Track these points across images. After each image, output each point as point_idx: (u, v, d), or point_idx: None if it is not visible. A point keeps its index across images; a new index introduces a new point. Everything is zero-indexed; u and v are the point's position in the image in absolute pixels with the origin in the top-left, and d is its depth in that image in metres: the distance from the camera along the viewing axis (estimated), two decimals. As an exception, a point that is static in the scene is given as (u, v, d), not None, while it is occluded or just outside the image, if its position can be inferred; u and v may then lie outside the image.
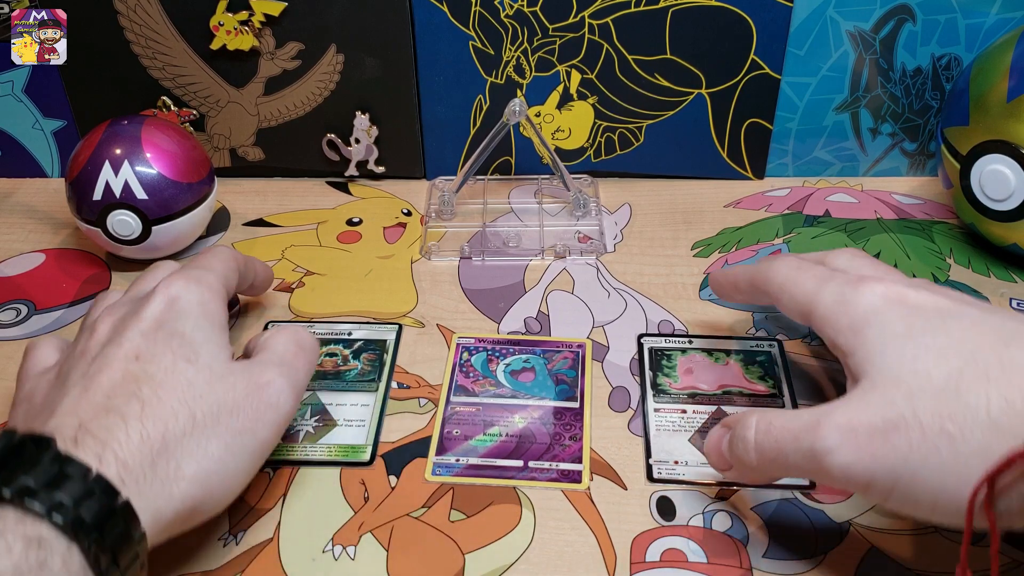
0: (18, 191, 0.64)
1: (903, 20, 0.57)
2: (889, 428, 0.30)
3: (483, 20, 0.58)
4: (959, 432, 0.29)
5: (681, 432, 0.43)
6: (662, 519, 0.39)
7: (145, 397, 0.34)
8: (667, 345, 0.48)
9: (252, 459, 0.36)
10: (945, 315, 0.33)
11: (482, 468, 0.42)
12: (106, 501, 0.30)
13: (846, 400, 0.33)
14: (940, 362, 0.31)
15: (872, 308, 0.35)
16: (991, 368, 0.30)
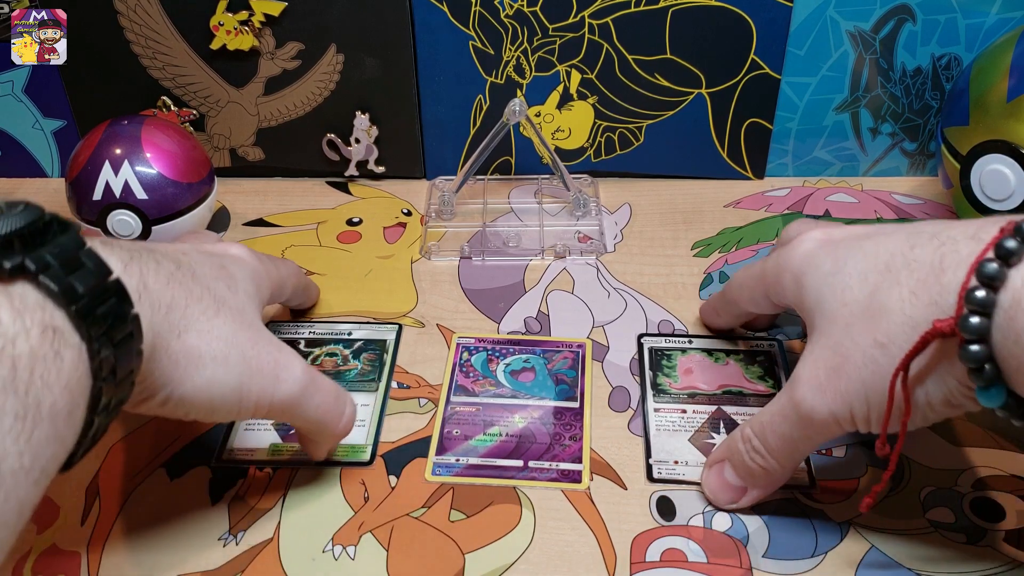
0: (18, 191, 0.64)
1: (903, 20, 0.57)
2: (840, 364, 0.33)
3: (483, 20, 0.58)
4: (887, 339, 0.32)
5: (681, 432, 0.43)
6: (662, 519, 0.39)
7: (183, 266, 0.34)
8: (667, 345, 0.48)
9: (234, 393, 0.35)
10: (863, 239, 0.35)
11: (482, 468, 0.42)
12: (119, 305, 0.29)
13: (804, 359, 0.35)
14: (862, 285, 0.33)
15: (805, 254, 0.37)
16: (900, 273, 0.32)
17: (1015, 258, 0.28)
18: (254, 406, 0.36)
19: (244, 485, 0.41)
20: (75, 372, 0.27)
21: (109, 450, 0.43)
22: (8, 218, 0.28)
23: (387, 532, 0.39)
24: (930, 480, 0.41)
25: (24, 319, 0.26)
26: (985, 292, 0.28)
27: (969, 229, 0.31)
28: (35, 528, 0.39)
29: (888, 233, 0.35)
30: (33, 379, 0.26)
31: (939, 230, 0.33)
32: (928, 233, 0.33)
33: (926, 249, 0.32)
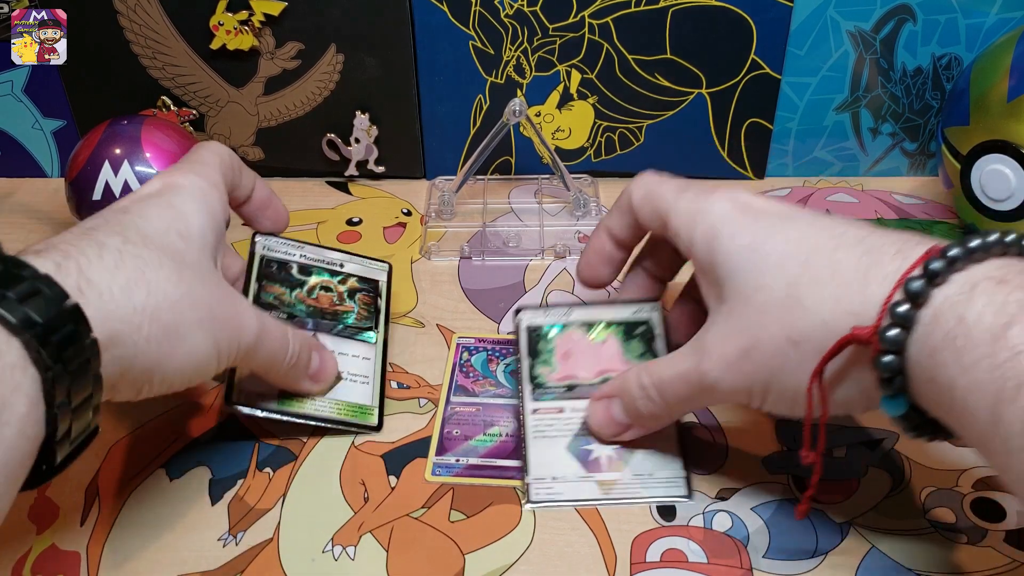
0: (18, 191, 0.64)
1: (903, 20, 0.57)
2: (750, 347, 0.34)
3: (483, 20, 0.58)
4: (801, 337, 0.32)
5: (559, 437, 0.41)
6: (662, 519, 0.39)
7: (129, 237, 0.33)
8: (544, 321, 0.45)
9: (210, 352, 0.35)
10: (784, 219, 0.35)
11: (482, 468, 0.42)
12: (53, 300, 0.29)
13: (713, 328, 0.36)
14: (780, 272, 0.34)
15: (721, 216, 0.36)
16: (823, 273, 0.32)
17: (940, 278, 0.30)
18: (226, 361, 0.36)
19: (244, 485, 0.41)
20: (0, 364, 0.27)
21: (109, 450, 0.43)
22: None
23: (387, 532, 0.39)
24: (930, 480, 0.41)
25: None
26: (908, 307, 0.30)
27: (893, 244, 0.32)
28: (35, 528, 0.39)
29: (808, 222, 0.35)
30: None
31: (863, 235, 0.33)
32: (852, 236, 0.33)
33: (850, 254, 0.32)
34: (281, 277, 0.44)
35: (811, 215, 0.36)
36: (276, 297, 0.44)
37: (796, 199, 0.61)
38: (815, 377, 0.32)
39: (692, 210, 0.38)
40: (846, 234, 0.34)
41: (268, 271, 0.44)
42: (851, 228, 0.34)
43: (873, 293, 0.31)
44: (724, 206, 0.37)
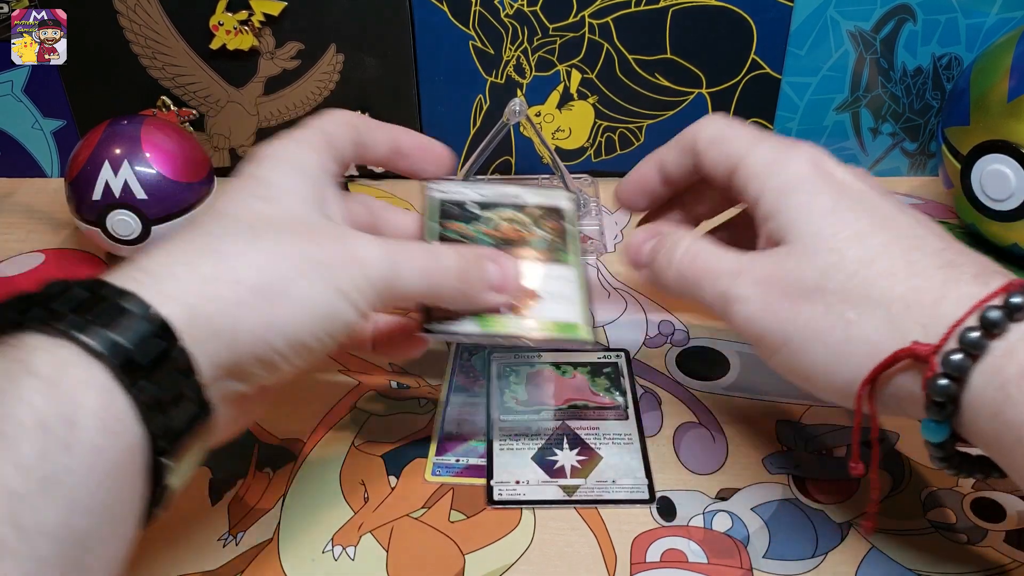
0: (18, 191, 0.64)
1: (903, 20, 0.57)
2: (799, 295, 0.33)
3: (483, 20, 0.58)
4: (857, 319, 0.31)
5: (524, 450, 0.42)
6: (662, 519, 0.39)
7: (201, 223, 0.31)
8: (515, 360, 0.47)
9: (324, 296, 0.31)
10: (865, 200, 0.34)
11: (482, 468, 0.42)
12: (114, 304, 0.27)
13: (767, 255, 0.35)
14: (855, 245, 0.33)
15: (801, 175, 0.35)
16: (899, 266, 0.32)
17: (1019, 314, 0.29)
18: (362, 300, 0.32)
19: (244, 485, 0.41)
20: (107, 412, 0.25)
21: (109, 450, 0.43)
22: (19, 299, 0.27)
23: (387, 532, 0.39)
24: (930, 480, 0.41)
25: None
26: (979, 335, 0.29)
27: (972, 265, 0.31)
28: (35, 528, 0.39)
29: (890, 212, 0.34)
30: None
31: (942, 247, 0.33)
32: (933, 244, 0.33)
33: (928, 262, 0.32)
34: (459, 214, 0.42)
35: (891, 203, 0.35)
36: (457, 233, 0.41)
37: (796, 199, 0.61)
38: (867, 383, 0.31)
39: (768, 162, 0.36)
40: (927, 238, 0.33)
41: (445, 210, 0.42)
42: (931, 234, 0.33)
43: (945, 312, 0.30)
44: (805, 167, 0.35)
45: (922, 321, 0.30)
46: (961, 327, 0.29)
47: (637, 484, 0.40)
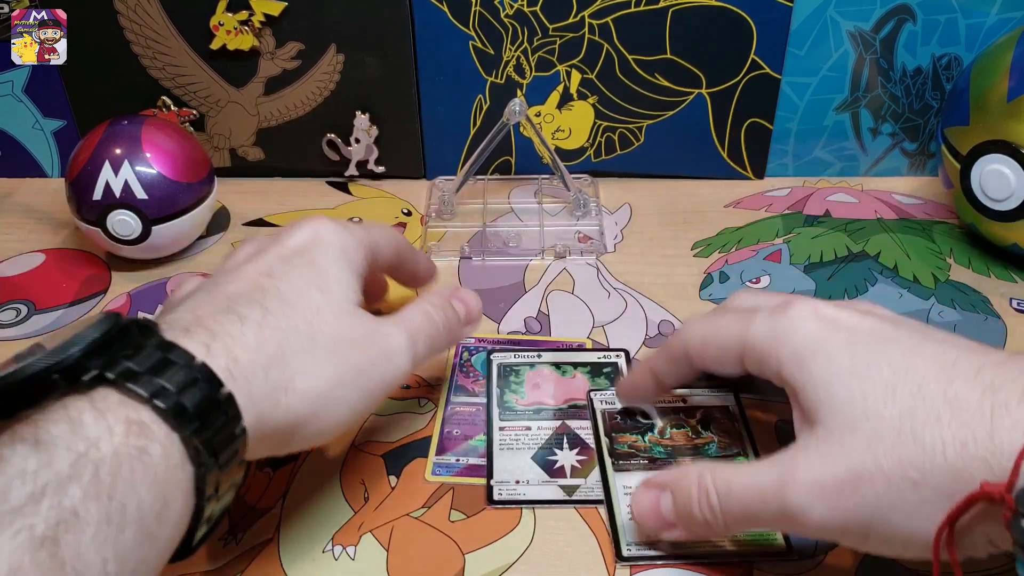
0: (18, 191, 0.64)
1: (903, 20, 0.57)
2: (855, 480, 0.31)
3: (483, 20, 0.58)
4: (921, 477, 0.30)
5: (524, 450, 0.42)
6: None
7: (270, 307, 0.33)
8: (515, 361, 0.47)
9: (361, 400, 0.35)
10: (882, 339, 0.33)
11: (482, 468, 0.42)
12: (209, 391, 0.29)
13: (805, 450, 0.33)
14: (890, 399, 0.31)
15: (810, 336, 0.34)
16: (940, 408, 0.30)
17: None
18: (384, 392, 0.36)
19: (244, 485, 0.41)
20: (166, 465, 0.27)
21: (109, 450, 0.43)
22: (83, 332, 0.28)
23: (387, 532, 0.39)
24: None
25: (107, 418, 0.26)
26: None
27: (1016, 381, 0.30)
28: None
29: (911, 345, 0.32)
30: (117, 483, 0.25)
31: (978, 364, 0.31)
32: (966, 366, 0.31)
33: (970, 389, 0.30)
34: (629, 425, 0.43)
35: (909, 332, 0.33)
36: (630, 445, 0.42)
37: (796, 199, 0.61)
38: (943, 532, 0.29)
39: (771, 333, 0.35)
40: (959, 362, 0.31)
41: (615, 423, 0.43)
42: (962, 354, 0.31)
43: (1002, 442, 0.28)
44: (809, 324, 0.34)
45: (983, 456, 0.29)
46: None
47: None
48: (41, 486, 0.24)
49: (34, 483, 0.24)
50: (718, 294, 0.53)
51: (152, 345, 0.29)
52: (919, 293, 0.52)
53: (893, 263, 0.55)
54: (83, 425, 0.26)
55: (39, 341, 0.29)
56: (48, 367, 0.27)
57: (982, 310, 0.51)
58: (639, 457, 0.42)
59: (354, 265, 0.38)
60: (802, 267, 0.55)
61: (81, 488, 0.25)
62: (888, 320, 0.34)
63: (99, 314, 0.30)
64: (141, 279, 0.55)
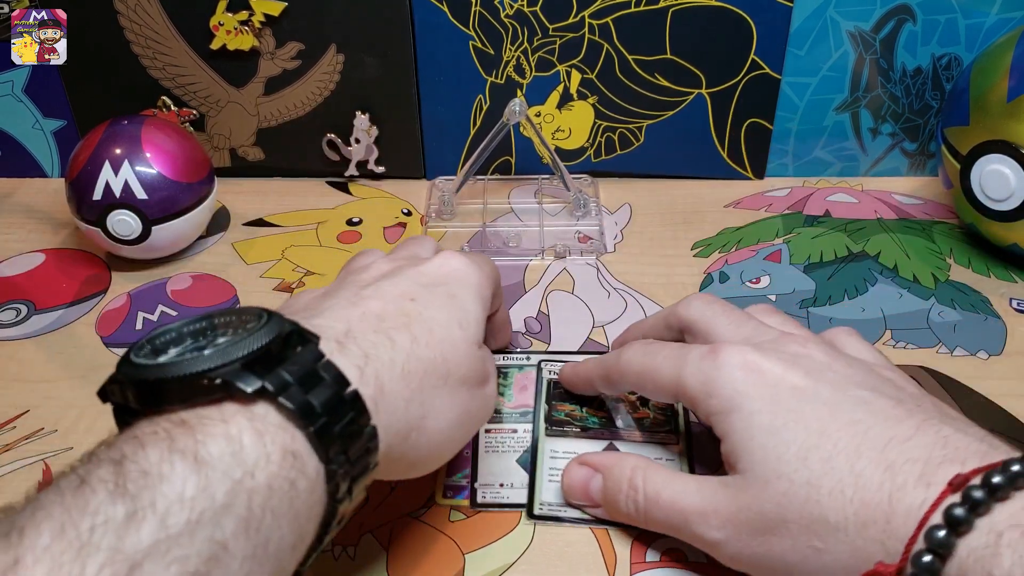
0: (18, 191, 0.64)
1: (903, 20, 0.57)
2: (767, 531, 0.32)
3: (483, 20, 0.58)
4: (824, 547, 0.31)
5: (510, 452, 0.42)
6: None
7: (416, 335, 0.33)
8: (504, 363, 0.47)
9: (464, 440, 0.36)
10: (803, 399, 0.33)
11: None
12: (355, 419, 0.28)
13: (727, 489, 0.34)
14: (801, 464, 0.32)
15: (734, 388, 0.34)
16: (846, 482, 0.31)
17: (963, 527, 0.28)
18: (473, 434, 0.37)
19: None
20: (308, 500, 0.27)
21: (109, 450, 0.43)
22: (251, 337, 0.27)
23: (387, 532, 0.39)
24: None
25: (265, 442, 0.26)
26: (931, 558, 0.28)
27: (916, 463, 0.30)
28: (35, 528, 0.39)
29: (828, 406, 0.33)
30: (265, 516, 0.25)
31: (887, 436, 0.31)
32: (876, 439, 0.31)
33: (874, 466, 0.30)
34: (571, 395, 0.44)
35: (832, 390, 0.33)
36: (567, 414, 0.43)
37: (796, 199, 0.61)
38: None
39: (701, 380, 0.35)
40: (869, 433, 0.31)
41: (558, 392, 0.45)
42: (875, 424, 0.32)
43: (897, 527, 0.29)
44: (736, 375, 0.34)
45: (880, 539, 0.29)
46: (913, 550, 0.28)
47: None
48: (198, 514, 0.23)
49: (191, 510, 0.23)
50: (718, 294, 0.53)
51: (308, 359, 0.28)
52: (919, 293, 0.52)
53: (893, 263, 0.55)
54: (243, 448, 0.25)
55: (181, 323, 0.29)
56: (211, 369, 0.26)
57: (982, 310, 0.51)
58: (573, 425, 0.43)
59: (485, 304, 0.38)
60: (802, 267, 0.55)
61: (234, 520, 0.24)
62: (813, 372, 0.34)
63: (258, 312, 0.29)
64: (141, 279, 0.55)
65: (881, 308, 0.51)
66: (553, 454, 0.41)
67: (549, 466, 0.41)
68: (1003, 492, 0.28)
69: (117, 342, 0.50)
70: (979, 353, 0.48)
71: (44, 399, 0.46)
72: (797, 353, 0.35)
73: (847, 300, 0.52)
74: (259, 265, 0.56)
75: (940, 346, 0.49)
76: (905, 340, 0.49)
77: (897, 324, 0.50)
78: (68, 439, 0.43)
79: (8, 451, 0.43)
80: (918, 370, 0.47)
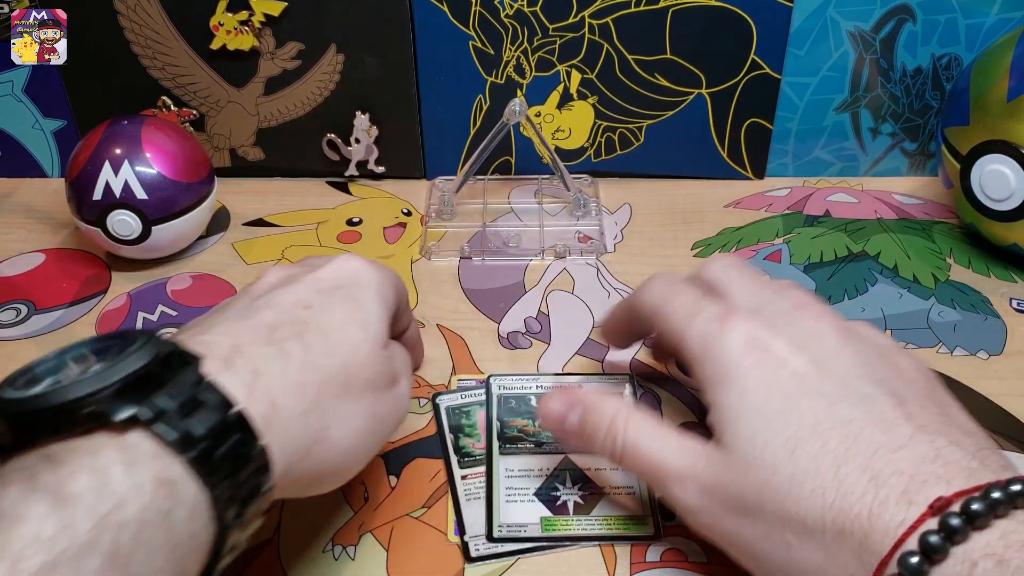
0: (18, 191, 0.64)
1: (903, 20, 0.57)
2: (742, 512, 0.31)
3: (483, 20, 0.58)
4: (797, 543, 0.30)
5: (480, 500, 0.40)
6: (662, 520, 0.39)
7: (311, 343, 0.31)
8: (463, 402, 0.45)
9: (377, 447, 0.34)
10: (801, 390, 0.32)
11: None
12: (242, 441, 0.27)
13: (709, 458, 0.33)
14: (788, 457, 0.31)
15: (734, 361, 0.33)
16: (828, 486, 0.30)
17: (939, 555, 0.26)
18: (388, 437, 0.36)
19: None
20: (189, 529, 0.25)
21: (109, 450, 0.43)
22: (122, 361, 0.26)
23: (387, 532, 0.39)
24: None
25: (136, 473, 0.24)
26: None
27: (901, 476, 0.29)
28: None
29: (829, 404, 0.31)
30: (136, 551, 0.23)
31: (878, 445, 0.30)
32: (866, 445, 0.30)
33: (859, 474, 0.29)
34: (522, 410, 0.44)
35: (833, 385, 0.32)
36: (520, 430, 0.43)
37: (796, 199, 0.61)
38: None
39: (703, 343, 0.34)
40: (860, 438, 0.30)
41: (508, 406, 0.44)
42: (867, 427, 0.31)
43: (874, 544, 0.28)
44: (738, 348, 0.33)
45: (855, 551, 0.28)
46: (886, 573, 0.27)
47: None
48: (56, 555, 0.22)
49: (49, 552, 0.22)
50: (718, 294, 0.53)
51: (190, 380, 0.27)
52: (919, 293, 0.52)
53: (893, 263, 0.55)
54: (110, 480, 0.23)
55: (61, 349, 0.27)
56: (80, 398, 0.24)
57: (982, 310, 0.51)
58: (527, 441, 0.42)
59: (388, 304, 0.36)
60: (802, 267, 0.55)
61: (99, 558, 0.22)
62: (819, 360, 0.33)
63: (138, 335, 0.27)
64: (141, 279, 0.55)
65: (881, 308, 0.51)
66: (508, 473, 0.41)
67: (505, 486, 0.40)
68: (982, 520, 0.27)
69: (117, 342, 0.50)
70: (979, 353, 0.48)
71: (44, 399, 0.46)
72: (808, 331, 0.34)
73: (847, 300, 0.52)
74: (259, 265, 0.56)
75: (940, 346, 0.49)
76: (905, 340, 0.49)
77: (897, 324, 0.50)
78: (68, 439, 0.43)
79: (8, 451, 0.43)
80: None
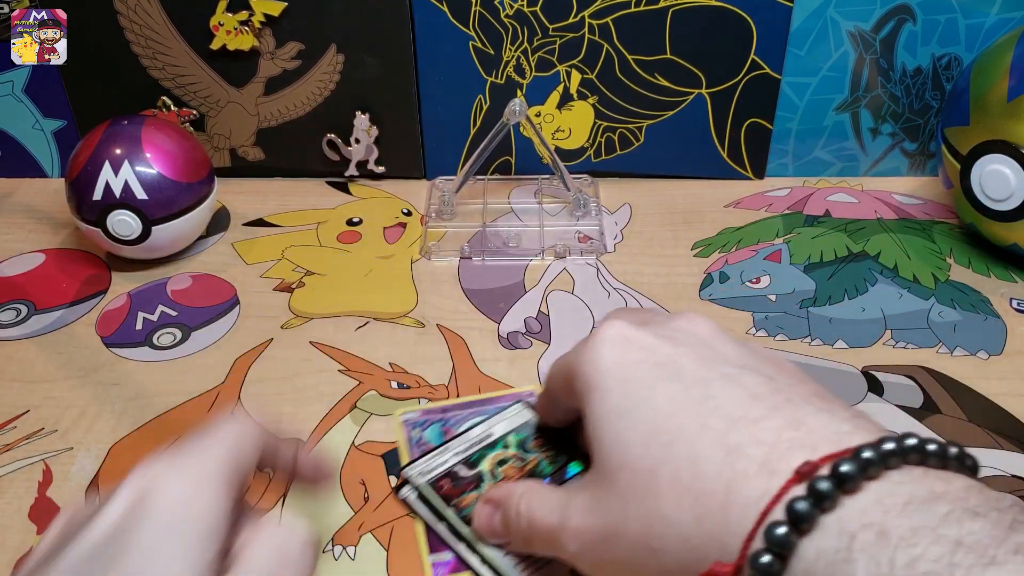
0: (18, 191, 0.64)
1: (903, 20, 0.57)
2: (608, 535, 0.29)
3: (483, 20, 0.58)
4: (661, 547, 0.28)
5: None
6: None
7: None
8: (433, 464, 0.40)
9: None
10: (661, 374, 0.30)
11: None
12: None
13: (580, 494, 0.31)
14: (644, 453, 0.29)
15: (597, 365, 0.31)
16: (683, 470, 0.27)
17: (807, 524, 0.24)
18: None
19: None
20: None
21: (109, 450, 0.43)
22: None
23: (387, 532, 0.39)
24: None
25: None
26: (771, 558, 0.24)
27: (761, 446, 0.26)
28: (35, 528, 0.39)
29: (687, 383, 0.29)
30: None
31: (737, 417, 0.28)
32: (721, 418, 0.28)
33: (714, 449, 0.27)
34: (460, 487, 0.39)
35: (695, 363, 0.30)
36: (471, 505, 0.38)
37: (796, 199, 0.61)
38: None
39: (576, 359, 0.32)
40: (718, 410, 0.28)
41: (443, 493, 0.38)
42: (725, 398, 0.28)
43: (735, 520, 0.26)
44: (603, 349, 0.31)
45: (718, 535, 0.26)
46: (750, 554, 0.25)
47: None
48: None
49: None
50: (718, 294, 0.53)
51: None
52: (919, 293, 0.52)
53: (893, 263, 0.55)
54: None
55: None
56: None
57: (982, 310, 0.51)
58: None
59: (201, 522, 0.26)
60: (802, 267, 0.55)
61: None
62: (684, 346, 0.31)
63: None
64: (141, 279, 0.55)
65: (881, 308, 0.51)
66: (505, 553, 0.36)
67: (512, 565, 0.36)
68: (852, 484, 0.24)
69: (117, 342, 0.50)
70: (979, 353, 0.48)
71: (44, 399, 0.46)
72: (679, 328, 0.32)
73: (847, 300, 0.52)
74: (259, 265, 0.56)
75: (940, 346, 0.49)
76: (905, 340, 0.49)
77: (897, 324, 0.50)
78: (68, 439, 0.43)
79: (8, 451, 0.43)
80: (918, 370, 0.47)
